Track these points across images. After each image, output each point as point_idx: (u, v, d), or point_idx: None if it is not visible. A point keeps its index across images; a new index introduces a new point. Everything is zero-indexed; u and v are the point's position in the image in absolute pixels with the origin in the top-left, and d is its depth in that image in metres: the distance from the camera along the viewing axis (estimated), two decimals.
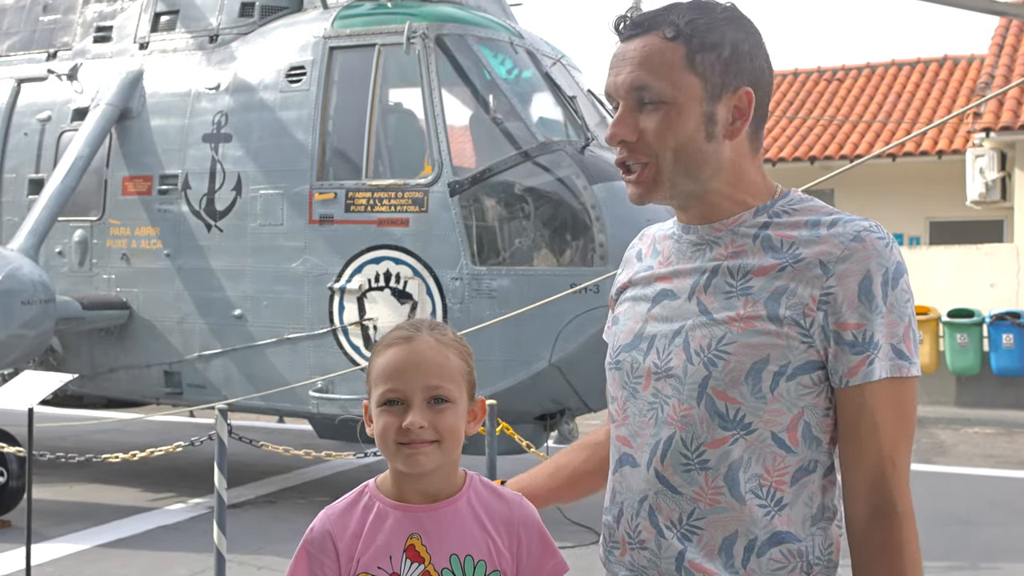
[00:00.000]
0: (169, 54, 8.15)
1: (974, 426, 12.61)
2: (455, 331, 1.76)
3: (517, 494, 1.74)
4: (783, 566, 1.56)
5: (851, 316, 1.51)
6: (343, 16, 7.44)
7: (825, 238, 1.55)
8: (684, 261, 1.66)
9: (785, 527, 1.56)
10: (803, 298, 1.53)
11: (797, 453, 1.56)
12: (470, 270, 6.74)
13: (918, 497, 1.64)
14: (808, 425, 1.56)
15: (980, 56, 18.49)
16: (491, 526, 1.67)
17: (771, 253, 1.58)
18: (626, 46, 1.62)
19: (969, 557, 6.43)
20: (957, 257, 14.17)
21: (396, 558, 1.63)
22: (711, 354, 1.56)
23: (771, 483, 1.56)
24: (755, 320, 1.55)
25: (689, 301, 1.62)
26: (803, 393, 1.55)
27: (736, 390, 1.54)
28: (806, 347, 1.53)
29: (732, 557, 1.56)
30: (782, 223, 1.60)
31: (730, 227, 1.63)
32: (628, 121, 1.61)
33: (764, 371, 1.53)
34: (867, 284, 1.51)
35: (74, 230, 8.15)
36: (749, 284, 1.57)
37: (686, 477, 1.58)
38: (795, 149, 17.18)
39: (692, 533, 1.58)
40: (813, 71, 20.32)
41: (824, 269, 1.52)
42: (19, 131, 8.58)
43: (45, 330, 6.96)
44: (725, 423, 1.56)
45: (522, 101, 7.19)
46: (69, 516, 7.15)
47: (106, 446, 8.87)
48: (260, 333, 7.38)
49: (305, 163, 7.26)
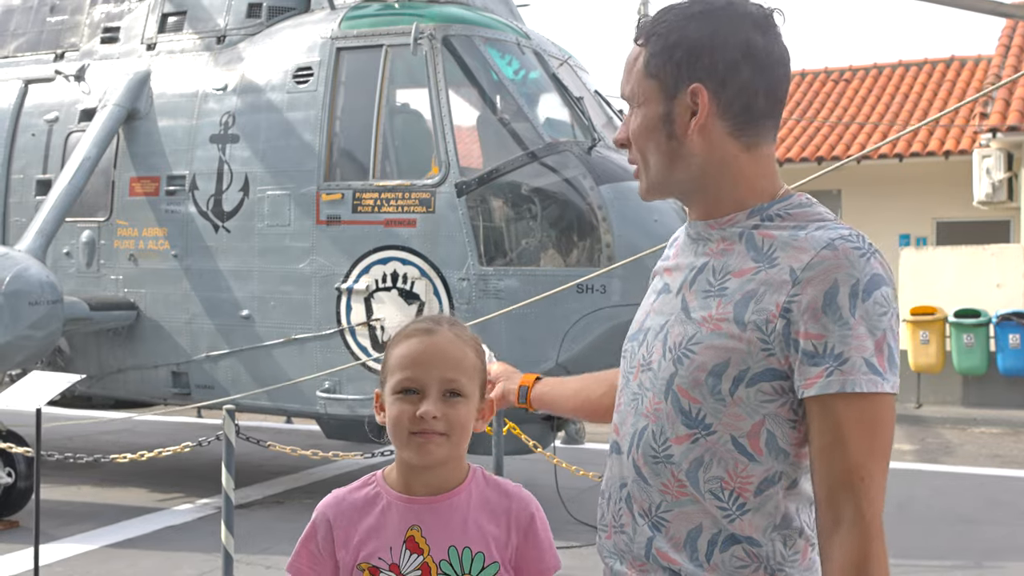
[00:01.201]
0: (176, 55, 8.16)
1: (980, 426, 12.59)
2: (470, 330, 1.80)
3: (518, 488, 1.76)
4: (745, 564, 1.56)
5: (812, 326, 1.47)
6: (350, 17, 7.45)
7: (800, 242, 1.52)
8: (683, 256, 1.70)
9: (745, 532, 1.56)
10: (768, 304, 1.51)
11: (761, 463, 1.55)
12: (477, 270, 6.74)
13: (925, 497, 1.63)
14: (772, 435, 1.54)
15: (987, 56, 18.46)
16: (491, 519, 1.69)
17: (752, 254, 1.57)
18: (631, 52, 1.70)
19: (975, 556, 6.42)
20: (964, 257, 14.14)
21: (396, 549, 1.66)
22: (680, 351, 1.59)
23: (734, 487, 1.56)
24: (722, 322, 1.55)
25: (676, 297, 1.65)
26: (764, 400, 1.53)
27: (697, 390, 1.56)
28: (766, 355, 1.51)
29: (696, 551, 1.58)
30: (771, 225, 1.58)
31: (723, 225, 1.63)
32: (625, 123, 1.70)
33: (724, 374, 1.53)
34: (832, 295, 1.46)
35: (81, 231, 8.16)
36: (726, 285, 1.58)
37: (655, 469, 1.61)
38: (802, 150, 17.16)
39: (661, 523, 1.61)
40: (820, 72, 20.30)
41: (792, 275, 1.50)
42: (26, 132, 8.59)
43: (53, 331, 6.97)
44: (688, 420, 1.57)
45: (529, 102, 7.19)
46: (77, 516, 7.16)
47: (114, 447, 8.90)
48: (267, 334, 7.39)
49: (312, 164, 7.27)
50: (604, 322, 6.46)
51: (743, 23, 1.59)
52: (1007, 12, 8.89)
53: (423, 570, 1.66)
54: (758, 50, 1.59)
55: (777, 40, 1.62)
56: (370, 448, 8.35)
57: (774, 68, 1.61)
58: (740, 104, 1.59)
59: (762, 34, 1.60)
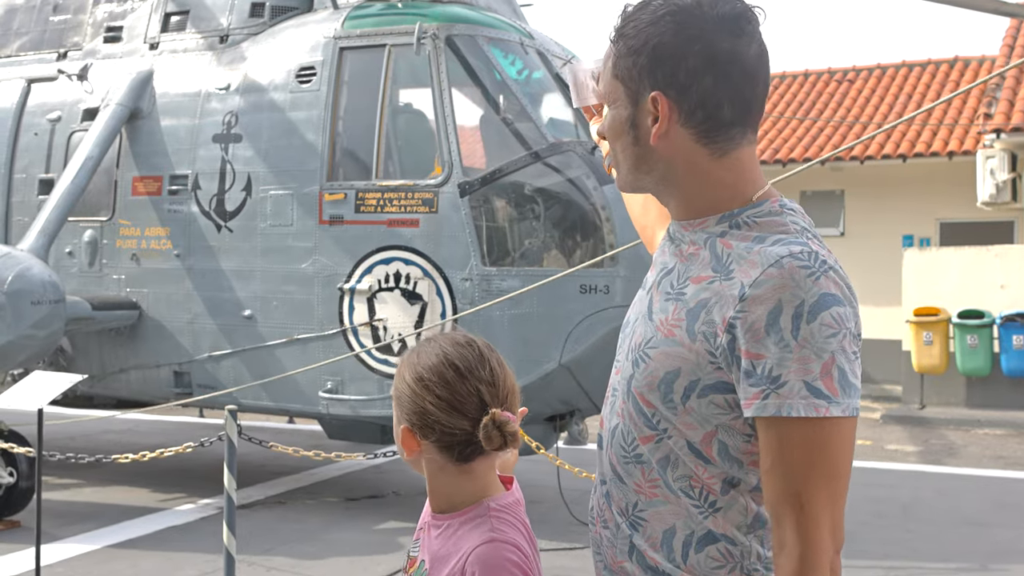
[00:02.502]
0: (179, 54, 8.15)
1: (984, 427, 12.56)
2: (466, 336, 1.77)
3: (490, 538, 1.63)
4: (721, 565, 1.54)
5: (753, 345, 1.44)
6: (353, 16, 7.44)
7: (754, 256, 1.49)
8: (660, 255, 1.70)
9: (720, 529, 1.54)
10: (716, 317, 1.49)
11: (717, 466, 1.53)
12: (480, 271, 6.73)
13: (929, 498, 1.63)
14: (724, 445, 1.52)
15: (991, 57, 18.42)
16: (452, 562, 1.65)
17: (712, 262, 1.54)
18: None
19: (979, 559, 6.40)
20: (967, 258, 14.11)
21: (416, 536, 1.79)
22: (638, 353, 1.59)
23: (702, 486, 1.54)
24: (675, 328, 1.54)
25: (646, 295, 1.67)
26: (716, 412, 1.51)
27: (652, 395, 1.55)
28: (715, 367, 1.49)
29: (673, 551, 1.56)
30: (736, 234, 1.55)
31: (694, 228, 1.61)
32: (600, 123, 1.74)
33: (675, 383, 1.52)
34: (775, 315, 1.43)
35: (84, 230, 8.15)
36: (684, 290, 1.56)
37: (626, 468, 1.62)
38: (805, 150, 17.13)
39: (638, 523, 1.61)
40: (823, 72, 20.26)
41: (741, 291, 1.47)
42: (29, 131, 8.58)
43: (55, 330, 6.96)
44: (648, 422, 1.58)
45: (532, 102, 7.17)
46: (79, 516, 7.16)
47: (115, 447, 8.89)
48: (270, 333, 7.37)
49: (315, 163, 7.26)
50: (607, 323, 6.44)
51: (710, 27, 1.54)
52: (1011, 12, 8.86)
53: (412, 561, 1.76)
54: (723, 56, 1.54)
55: (750, 42, 1.57)
56: (372, 449, 8.34)
57: (742, 74, 1.56)
58: (704, 113, 1.56)
59: (732, 37, 1.55)
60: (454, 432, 1.65)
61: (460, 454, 1.67)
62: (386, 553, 6.33)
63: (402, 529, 6.96)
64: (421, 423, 1.67)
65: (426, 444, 1.67)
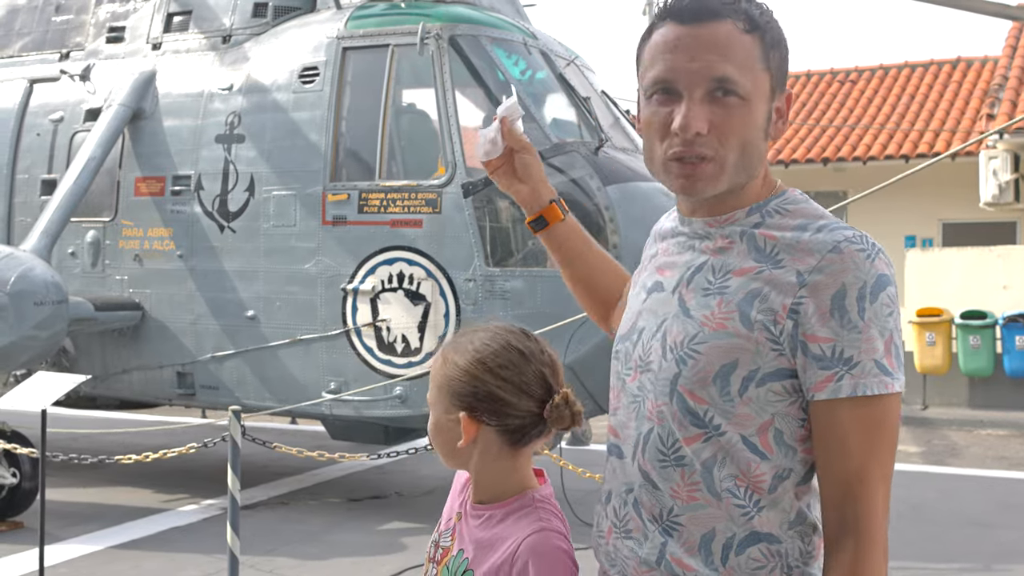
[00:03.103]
0: (182, 55, 8.15)
1: (987, 428, 12.55)
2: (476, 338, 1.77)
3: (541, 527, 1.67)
4: (762, 565, 1.53)
5: (821, 330, 1.46)
6: (356, 16, 7.43)
7: (805, 244, 1.50)
8: (676, 254, 1.65)
9: (764, 528, 1.54)
10: (775, 304, 1.49)
11: (771, 460, 1.53)
12: (484, 271, 6.72)
13: (931, 500, 1.64)
14: (780, 432, 1.53)
15: (994, 57, 18.42)
16: (497, 548, 1.68)
17: (754, 253, 1.54)
18: (695, 31, 1.52)
19: (983, 559, 6.39)
20: (970, 259, 14.09)
21: (450, 522, 1.80)
22: (683, 351, 1.55)
23: (748, 484, 1.53)
24: (726, 321, 1.52)
25: (672, 295, 1.61)
26: (774, 400, 1.51)
27: (704, 391, 1.53)
28: (777, 354, 1.49)
29: (712, 554, 1.54)
30: (772, 223, 1.56)
31: (723, 224, 1.60)
32: (700, 112, 1.51)
33: (732, 375, 1.51)
34: (840, 298, 1.46)
35: (87, 231, 8.15)
36: (727, 283, 1.54)
37: (663, 473, 1.57)
38: (808, 151, 17.12)
39: (673, 529, 1.57)
40: (826, 73, 20.26)
41: (799, 278, 1.48)
42: (32, 132, 8.58)
43: (58, 331, 6.96)
44: (697, 421, 1.54)
45: (536, 102, 7.17)
46: (82, 517, 7.15)
47: (119, 447, 8.88)
48: (273, 334, 7.37)
49: (318, 164, 7.25)
50: None
51: None
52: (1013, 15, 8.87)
53: (444, 552, 1.78)
54: None
55: None
56: (375, 449, 8.34)
57: None
58: None
59: None
60: (521, 415, 1.70)
61: (521, 437, 1.71)
62: (389, 554, 6.32)
63: (405, 530, 6.95)
64: (486, 408, 1.69)
65: (485, 430, 1.70)
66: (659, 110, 1.54)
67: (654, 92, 1.56)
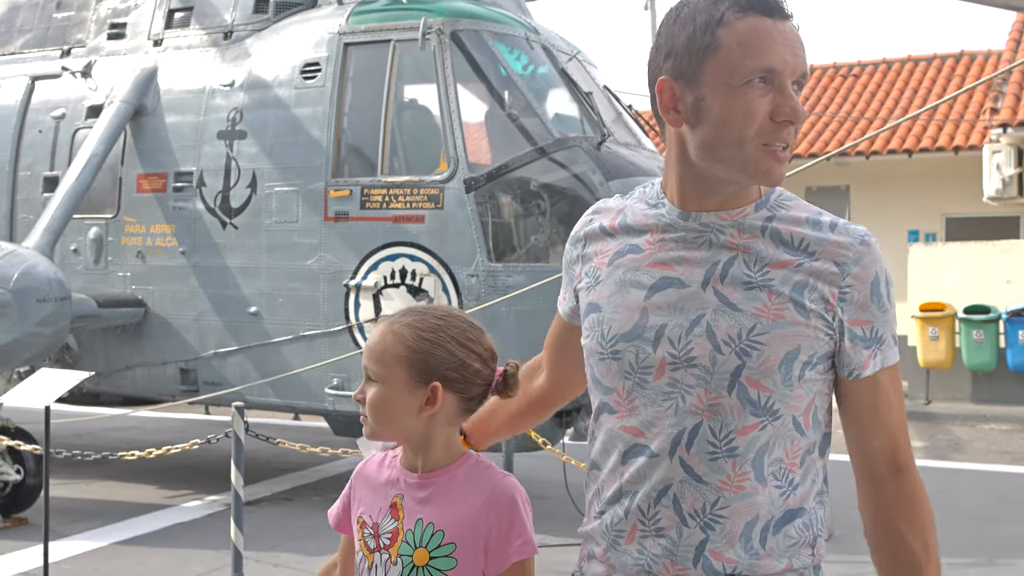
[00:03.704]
0: (183, 51, 8.14)
1: (990, 422, 12.54)
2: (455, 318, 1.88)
3: (504, 474, 1.87)
4: (796, 541, 1.64)
5: (863, 314, 1.62)
6: (358, 12, 7.42)
7: (834, 240, 1.63)
8: (687, 249, 1.66)
9: (797, 504, 1.65)
10: (824, 293, 1.60)
11: (808, 436, 1.66)
12: (486, 267, 6.71)
13: (934, 494, 1.74)
14: (816, 409, 1.67)
15: (997, 51, 18.37)
16: (467, 501, 1.82)
17: (783, 248, 1.63)
18: (786, 26, 1.62)
19: (986, 554, 6.38)
20: (973, 253, 14.08)
21: (383, 511, 1.88)
22: (744, 344, 1.59)
23: (787, 465, 1.64)
24: (783, 311, 1.60)
25: (704, 291, 1.63)
26: (817, 379, 1.64)
27: (769, 379, 1.60)
28: (829, 339, 1.62)
29: (751, 540, 1.62)
30: (784, 218, 1.66)
31: (735, 218, 1.65)
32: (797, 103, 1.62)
33: (795, 360, 1.60)
34: (876, 286, 1.62)
35: (89, 228, 8.15)
36: (769, 276, 1.61)
37: (712, 466, 1.61)
38: (811, 145, 17.10)
39: (715, 522, 1.61)
40: (829, 67, 20.23)
41: (841, 268, 1.61)
42: (33, 128, 8.58)
43: (61, 328, 6.96)
44: (756, 410, 1.61)
45: (538, 97, 7.15)
46: (86, 514, 7.16)
47: (122, 444, 8.90)
48: (276, 330, 7.37)
49: (320, 160, 7.25)
50: None
51: None
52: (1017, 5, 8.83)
53: (393, 534, 1.85)
54: None
55: None
56: None
57: None
58: None
59: None
60: (483, 383, 1.87)
61: (475, 405, 1.90)
62: None
63: None
64: (458, 377, 1.84)
65: (450, 398, 1.84)
66: (759, 98, 1.58)
67: (755, 79, 1.58)
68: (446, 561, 1.81)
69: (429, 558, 1.81)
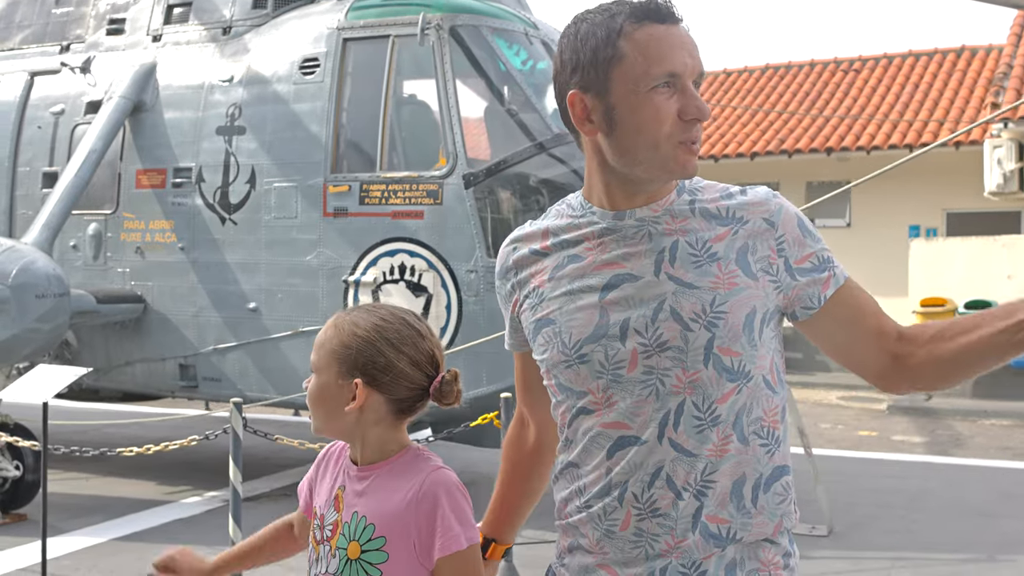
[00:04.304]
0: (182, 46, 8.13)
1: (991, 418, 12.52)
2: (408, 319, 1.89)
3: (437, 467, 1.85)
4: (783, 498, 1.73)
5: (803, 250, 1.73)
6: (357, 7, 7.40)
7: (752, 201, 1.75)
8: (630, 244, 1.73)
9: (782, 461, 1.74)
10: (764, 251, 1.71)
11: (778, 392, 1.75)
12: (485, 262, 6.70)
13: (935, 489, 1.77)
14: (777, 367, 1.75)
15: (998, 46, 18.33)
16: (397, 495, 1.81)
17: (715, 221, 1.73)
18: (679, 31, 1.71)
19: (986, 549, 6.37)
20: (974, 249, 14.06)
21: (327, 504, 1.91)
22: (710, 317, 1.67)
23: (768, 424, 1.72)
24: (735, 279, 1.69)
25: (657, 278, 1.70)
26: (772, 336, 1.74)
27: (738, 343, 1.68)
28: (777, 292, 1.72)
29: (743, 498, 1.69)
30: (703, 198, 1.76)
31: (664, 207, 1.74)
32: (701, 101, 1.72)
33: (754, 320, 1.70)
34: (801, 224, 1.75)
35: (88, 223, 8.14)
36: (713, 250, 1.70)
37: (699, 438, 1.68)
38: (811, 140, 17.06)
39: (707, 488, 1.68)
40: (830, 62, 20.19)
41: (769, 223, 1.72)
42: (32, 124, 8.57)
43: (60, 324, 6.95)
44: (732, 375, 1.68)
45: (537, 92, 7.14)
46: (84, 510, 7.16)
47: (121, 440, 8.89)
48: (275, 326, 7.36)
49: (319, 156, 7.23)
50: None
51: None
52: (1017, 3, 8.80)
53: (334, 526, 1.87)
54: None
55: None
56: None
57: None
58: None
59: None
60: (413, 387, 1.85)
61: (406, 408, 1.87)
62: None
63: None
64: (384, 378, 1.83)
65: (376, 397, 1.83)
66: (665, 101, 1.67)
67: (660, 84, 1.67)
68: (377, 555, 1.80)
69: (361, 552, 1.80)
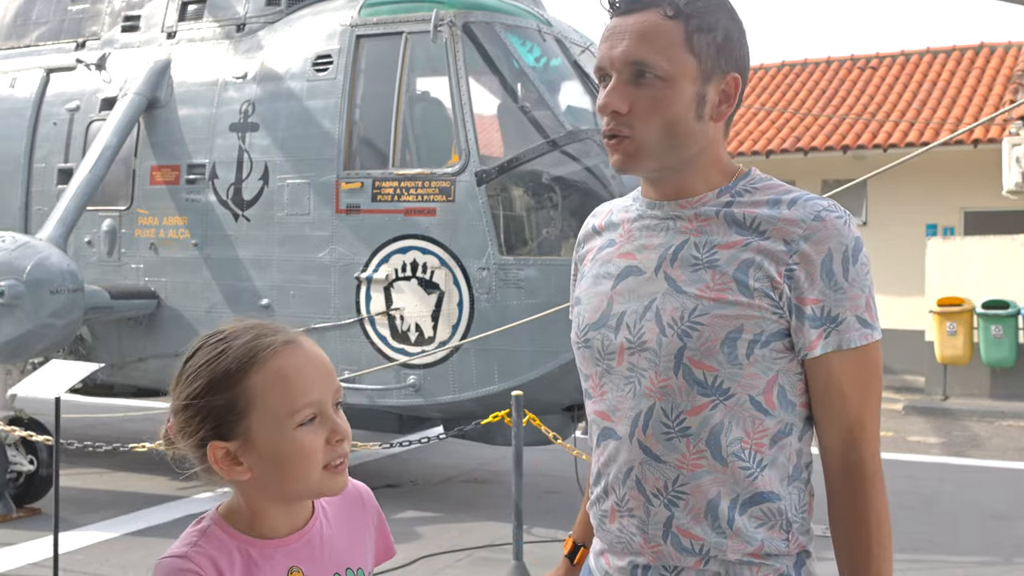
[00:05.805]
0: (197, 43, 8.14)
1: (1008, 419, 12.43)
2: None
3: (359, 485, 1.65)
4: (763, 523, 1.63)
5: (811, 292, 1.59)
6: (370, 4, 7.40)
7: (787, 216, 1.62)
8: (648, 237, 1.72)
9: (766, 487, 1.63)
10: (770, 272, 1.60)
11: (774, 416, 1.63)
12: (497, 260, 6.68)
13: (952, 491, 1.70)
14: (783, 388, 1.64)
15: (1017, 43, 18.19)
16: (356, 525, 1.60)
17: (735, 228, 1.64)
18: (623, 20, 1.67)
19: (1003, 552, 6.32)
20: (992, 248, 13.95)
21: None
22: (685, 326, 1.62)
23: (751, 445, 1.63)
24: (725, 291, 1.61)
25: (656, 275, 1.68)
26: (776, 358, 1.62)
27: (712, 359, 1.60)
28: (778, 317, 1.61)
29: (718, 519, 1.62)
30: (744, 201, 1.67)
31: (694, 205, 1.69)
32: (621, 93, 1.65)
33: (739, 340, 1.60)
34: (827, 263, 1.59)
35: (103, 220, 8.17)
36: (715, 257, 1.63)
37: (668, 445, 1.64)
38: (827, 138, 16.96)
39: (678, 499, 1.64)
40: (847, 59, 20.07)
41: (788, 246, 1.60)
42: (48, 121, 8.61)
43: (74, 319, 6.98)
44: (704, 390, 1.62)
45: (550, 89, 7.12)
46: (97, 504, 7.19)
47: (134, 435, 8.91)
48: (287, 323, 7.31)
49: (332, 152, 7.23)
50: None
51: (743, 23, 1.73)
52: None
53: None
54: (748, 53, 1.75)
55: None
56: (390, 438, 8.34)
57: None
58: (740, 100, 1.73)
59: None
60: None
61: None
62: (404, 542, 6.31)
63: (420, 518, 6.95)
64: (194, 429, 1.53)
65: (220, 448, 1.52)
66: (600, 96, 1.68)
67: (599, 80, 1.70)
68: None
69: None
